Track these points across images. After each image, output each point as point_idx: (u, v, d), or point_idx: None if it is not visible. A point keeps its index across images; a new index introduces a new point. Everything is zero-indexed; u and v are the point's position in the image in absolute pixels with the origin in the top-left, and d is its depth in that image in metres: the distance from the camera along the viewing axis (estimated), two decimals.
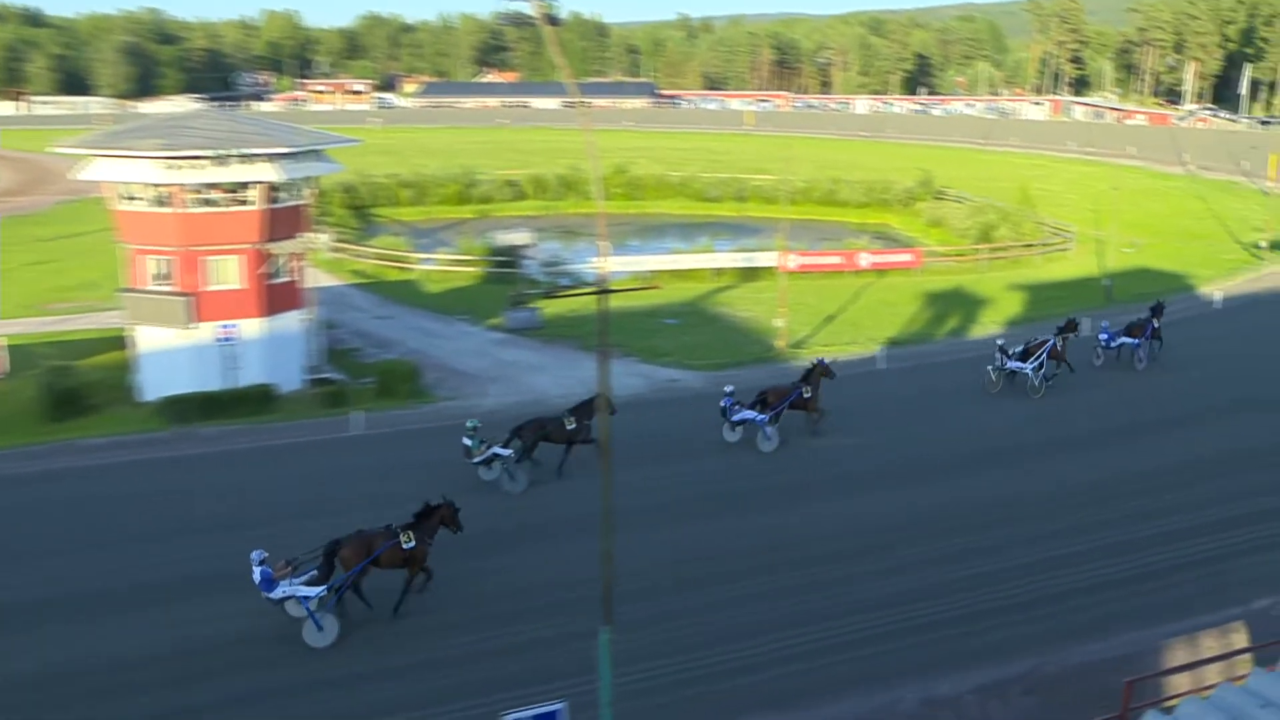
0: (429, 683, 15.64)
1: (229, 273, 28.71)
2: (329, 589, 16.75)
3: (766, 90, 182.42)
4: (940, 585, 18.18)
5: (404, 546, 17.34)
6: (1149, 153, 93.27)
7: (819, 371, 25.85)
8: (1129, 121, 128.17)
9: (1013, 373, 29.25)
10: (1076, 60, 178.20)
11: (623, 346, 33.94)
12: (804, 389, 25.54)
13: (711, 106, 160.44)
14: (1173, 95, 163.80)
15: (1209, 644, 15.87)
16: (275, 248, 29.08)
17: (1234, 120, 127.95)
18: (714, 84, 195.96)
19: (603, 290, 14.07)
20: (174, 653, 16.36)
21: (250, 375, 28.92)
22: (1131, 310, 38.98)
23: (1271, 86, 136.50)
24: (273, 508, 21.55)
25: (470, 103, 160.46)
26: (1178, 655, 15.57)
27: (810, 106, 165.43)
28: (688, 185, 72.84)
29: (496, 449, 22.63)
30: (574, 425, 23.22)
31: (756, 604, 17.60)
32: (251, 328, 29.14)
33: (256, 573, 16.71)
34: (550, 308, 38.15)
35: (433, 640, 16.70)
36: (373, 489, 22.32)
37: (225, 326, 28.85)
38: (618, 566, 15.02)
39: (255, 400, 28.15)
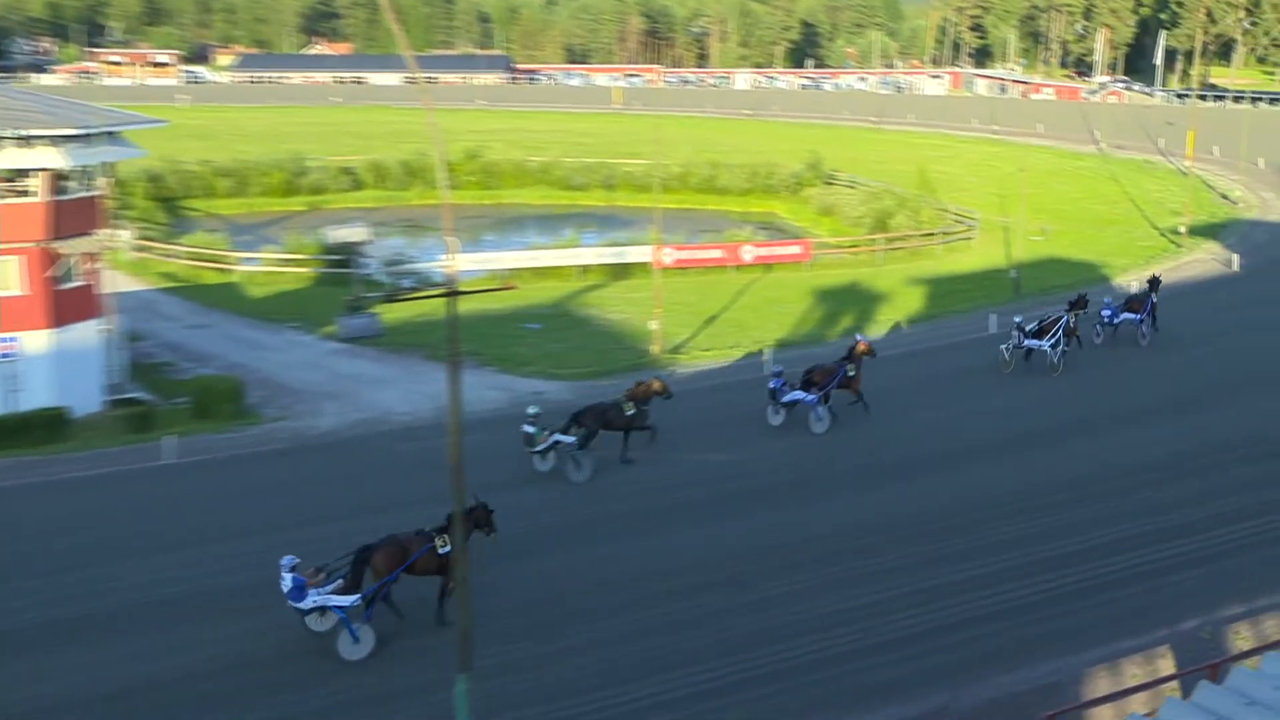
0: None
1: (7, 276, 27.78)
2: (363, 598, 17.23)
3: (636, 64, 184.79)
4: (840, 613, 18.09)
5: (439, 552, 17.78)
6: (1058, 130, 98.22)
7: (862, 350, 28.00)
8: (1036, 96, 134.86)
9: (1029, 351, 31.82)
10: (978, 28, 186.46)
11: (478, 355, 34.02)
12: (848, 367, 27.43)
13: (574, 83, 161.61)
14: (1082, 67, 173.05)
15: (1133, 671, 16.26)
16: (64, 247, 28.31)
17: (1149, 93, 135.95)
18: (577, 57, 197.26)
19: (452, 292, 14.18)
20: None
21: (36, 397, 28.01)
22: (1042, 303, 41.26)
23: (1189, 56, 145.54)
24: (62, 553, 20.87)
25: (296, 78, 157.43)
26: (1100, 684, 15.87)
27: (685, 82, 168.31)
28: (549, 172, 73.28)
29: (558, 436, 24.19)
30: (633, 411, 24.86)
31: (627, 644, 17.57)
32: (37, 341, 28.28)
33: (287, 579, 17.08)
34: (392, 313, 37.97)
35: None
36: (192, 523, 21.96)
37: (3, 340, 27.84)
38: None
39: (43, 426, 27.33)
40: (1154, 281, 35.70)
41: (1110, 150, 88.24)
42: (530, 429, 24.31)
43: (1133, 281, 44.33)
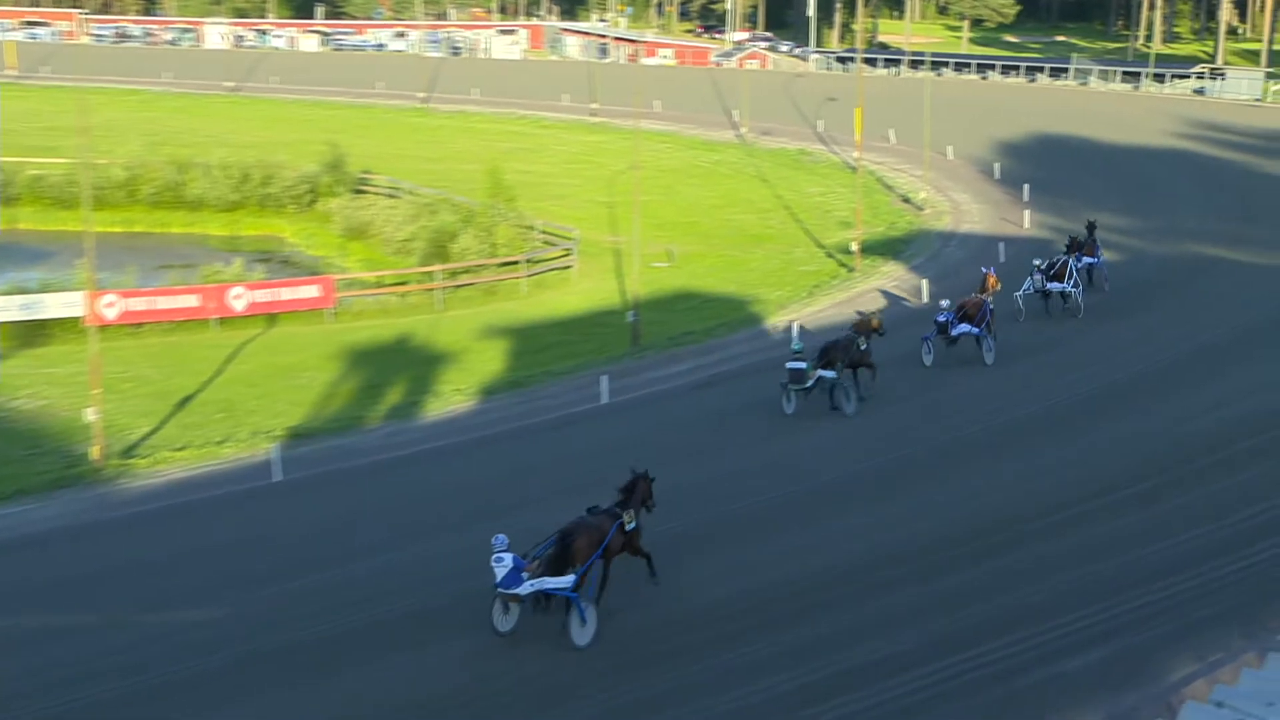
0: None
1: None
2: (578, 579, 22.99)
3: (40, 7, 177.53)
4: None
5: (627, 528, 24.08)
6: (685, 109, 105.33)
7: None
8: (650, 60, 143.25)
9: (1047, 294, 44.77)
10: None
11: None
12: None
13: None
14: (711, 19, 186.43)
15: None
16: None
17: (801, 56, 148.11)
18: None
19: None
20: None
21: None
22: (672, 357, 44.26)
23: (851, 5, 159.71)
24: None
25: None
26: None
27: (125, 36, 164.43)
28: None
29: (822, 372, 35.29)
30: (865, 346, 36.55)
31: None
32: None
33: (508, 559, 22.65)
34: None
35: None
36: None
37: None
38: None
39: None
40: (1090, 226, 49.74)
41: (755, 138, 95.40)
42: (801, 365, 35.38)
43: (793, 320, 47.94)
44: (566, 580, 22.79)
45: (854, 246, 58.78)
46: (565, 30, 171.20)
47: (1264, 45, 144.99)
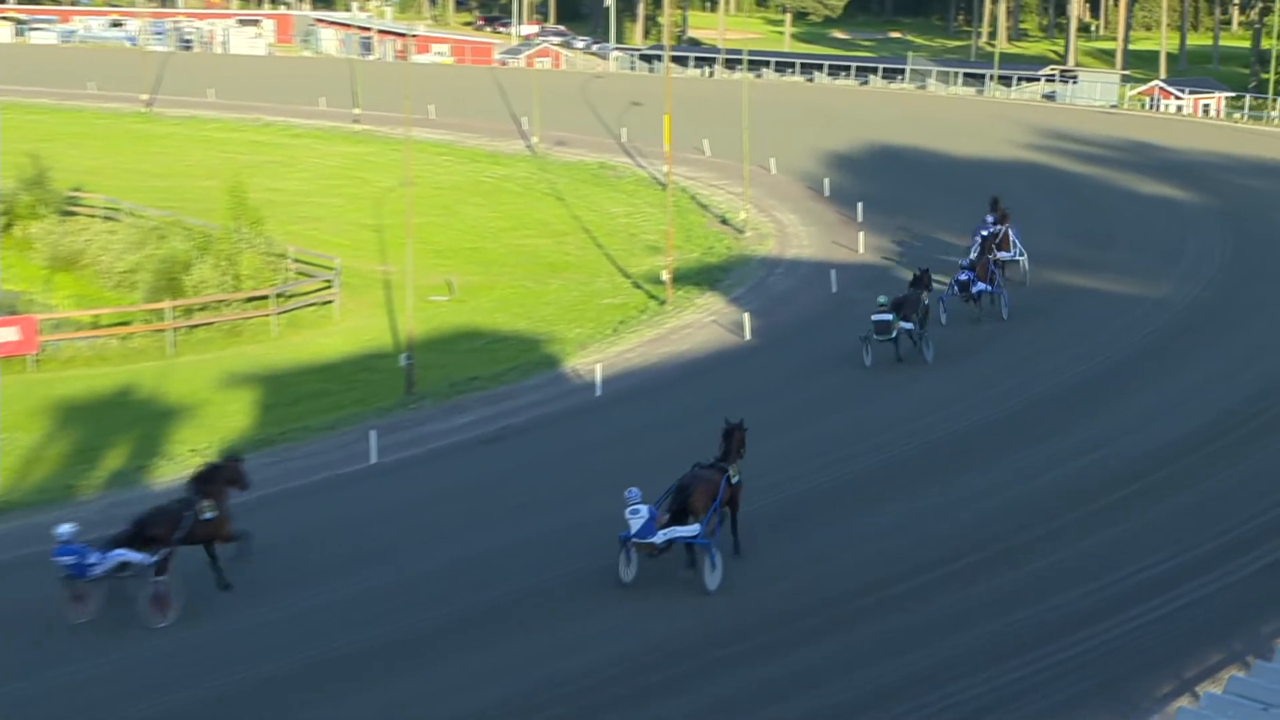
0: None
1: None
2: (704, 527, 28.52)
3: None
4: None
5: (733, 481, 29.56)
6: (466, 117, 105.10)
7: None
8: (422, 58, 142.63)
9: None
10: None
11: None
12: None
13: None
14: (494, 10, 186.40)
15: None
16: None
17: (600, 54, 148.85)
18: None
19: None
20: None
21: None
22: (455, 407, 43.99)
23: None
24: None
25: None
26: None
27: None
28: None
29: (903, 324, 44.49)
30: (928, 302, 46.43)
31: None
32: None
33: (643, 510, 28.05)
34: None
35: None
36: None
37: None
38: None
39: None
40: (994, 201, 57.27)
41: (548, 149, 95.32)
42: (887, 316, 44.36)
43: (593, 366, 47.83)
44: (693, 529, 28.29)
45: (665, 275, 58.97)
46: (320, 21, 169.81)
47: (1119, 45, 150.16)
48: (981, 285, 50.32)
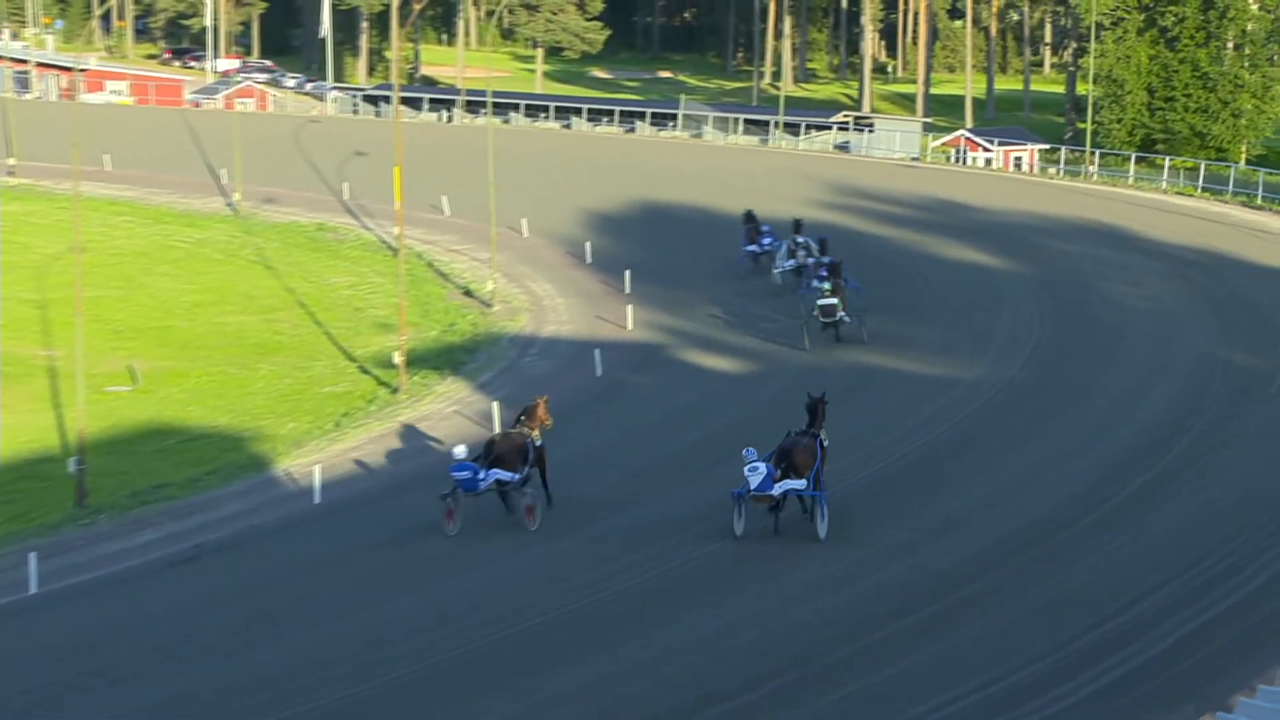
0: None
1: None
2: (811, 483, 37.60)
3: None
4: None
5: (825, 444, 38.65)
6: (151, 169, 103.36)
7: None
8: (94, 97, 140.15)
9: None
10: None
11: None
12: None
13: None
14: (181, 40, 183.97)
15: None
16: None
17: (315, 95, 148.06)
18: None
19: None
20: None
21: None
22: (137, 524, 42.31)
23: (382, 25, 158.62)
24: None
25: None
26: None
27: None
28: None
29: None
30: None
31: None
32: None
33: (762, 467, 37.13)
34: None
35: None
36: None
37: None
38: None
39: None
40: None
41: (254, 207, 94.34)
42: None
43: (312, 469, 46.68)
44: (802, 482, 37.24)
45: (398, 358, 58.26)
46: None
47: (919, 88, 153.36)
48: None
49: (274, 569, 37.19)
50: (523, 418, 41.52)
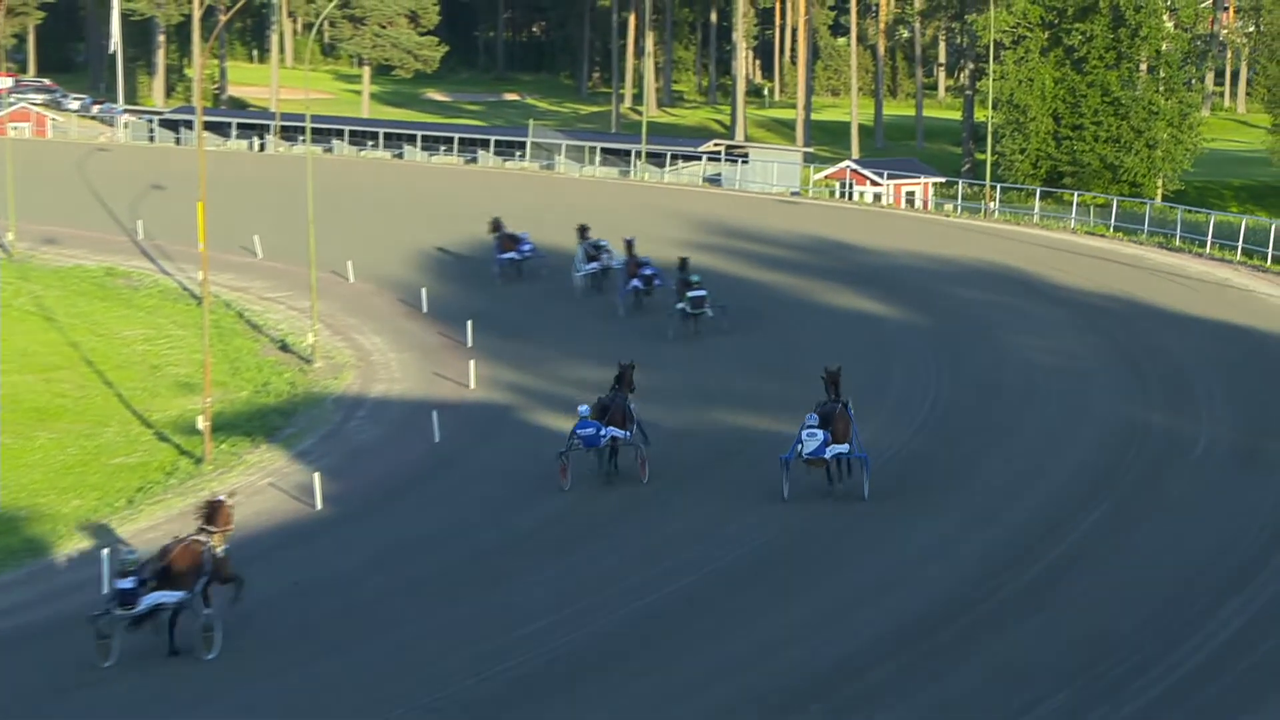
0: None
1: None
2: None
3: None
4: None
5: (850, 411, 47.58)
6: None
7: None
8: None
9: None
10: None
11: None
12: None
13: None
14: None
15: None
16: None
17: (104, 118, 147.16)
18: None
19: None
20: None
21: None
22: None
23: (182, 40, 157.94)
24: None
25: None
26: None
27: None
28: None
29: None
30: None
31: None
32: None
33: (820, 434, 45.86)
34: None
35: None
36: None
37: None
38: None
39: None
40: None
41: (30, 249, 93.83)
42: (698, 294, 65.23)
43: (124, 543, 45.97)
44: (844, 447, 45.84)
45: (202, 423, 57.73)
46: None
47: (799, 114, 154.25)
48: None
49: (55, 672, 36.36)
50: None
